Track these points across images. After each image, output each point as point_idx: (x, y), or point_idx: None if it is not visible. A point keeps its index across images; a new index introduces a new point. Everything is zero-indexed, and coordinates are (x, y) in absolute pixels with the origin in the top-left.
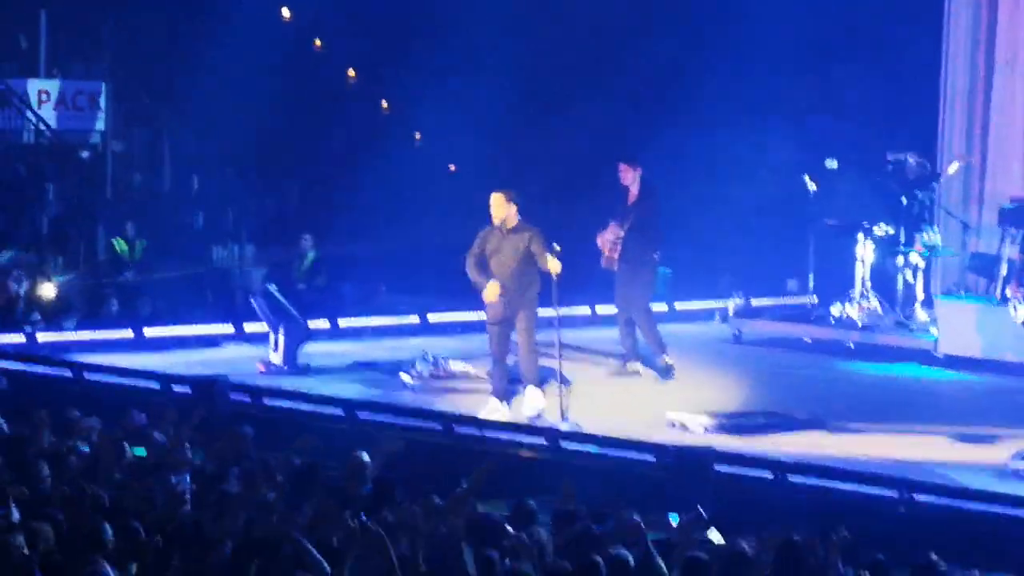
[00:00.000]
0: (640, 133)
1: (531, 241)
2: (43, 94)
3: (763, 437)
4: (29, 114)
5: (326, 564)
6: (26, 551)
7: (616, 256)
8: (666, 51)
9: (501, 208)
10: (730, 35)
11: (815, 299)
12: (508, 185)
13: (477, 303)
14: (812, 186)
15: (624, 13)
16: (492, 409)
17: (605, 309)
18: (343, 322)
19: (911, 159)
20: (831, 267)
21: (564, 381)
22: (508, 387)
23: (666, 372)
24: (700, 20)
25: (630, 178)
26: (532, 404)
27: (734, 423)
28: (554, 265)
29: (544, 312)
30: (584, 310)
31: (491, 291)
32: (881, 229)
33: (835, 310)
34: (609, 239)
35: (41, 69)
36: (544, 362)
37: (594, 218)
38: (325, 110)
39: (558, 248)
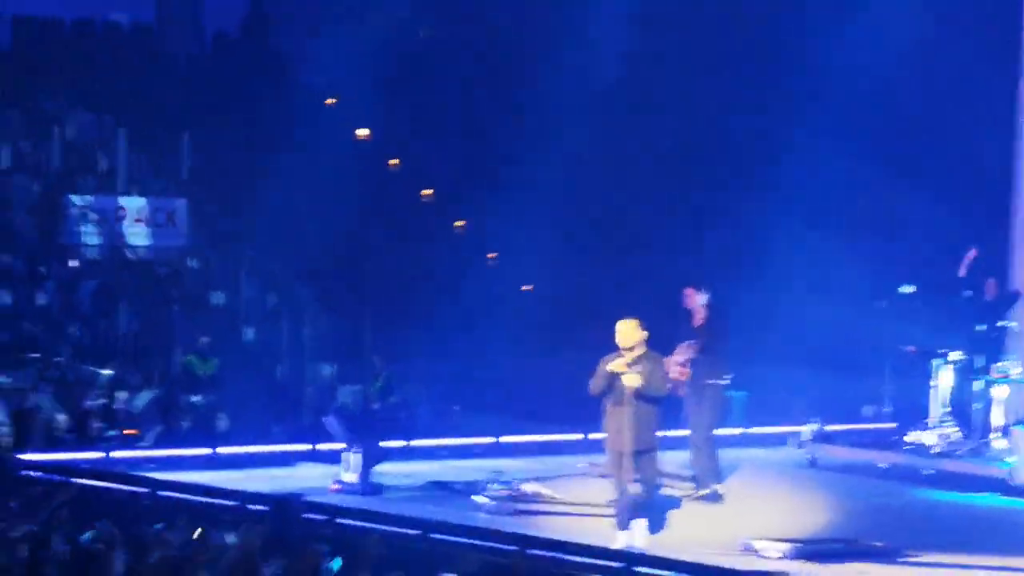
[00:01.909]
0: (715, 256)
1: (653, 372)
2: (121, 211)
3: (838, 565)
4: (108, 231)
5: None
6: None
7: (684, 379)
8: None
9: (632, 335)
10: (806, 155)
11: (891, 425)
12: (586, 307)
13: (550, 426)
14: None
15: (693, 140)
16: (623, 542)
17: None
18: (417, 442)
19: (989, 284)
20: (907, 393)
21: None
22: (630, 517)
23: (712, 498)
24: (775, 142)
25: (697, 302)
26: (635, 536)
27: (810, 549)
28: (632, 380)
29: None
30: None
31: (630, 379)
32: (958, 355)
33: (911, 437)
34: (677, 361)
35: (120, 186)
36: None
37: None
38: (400, 228)
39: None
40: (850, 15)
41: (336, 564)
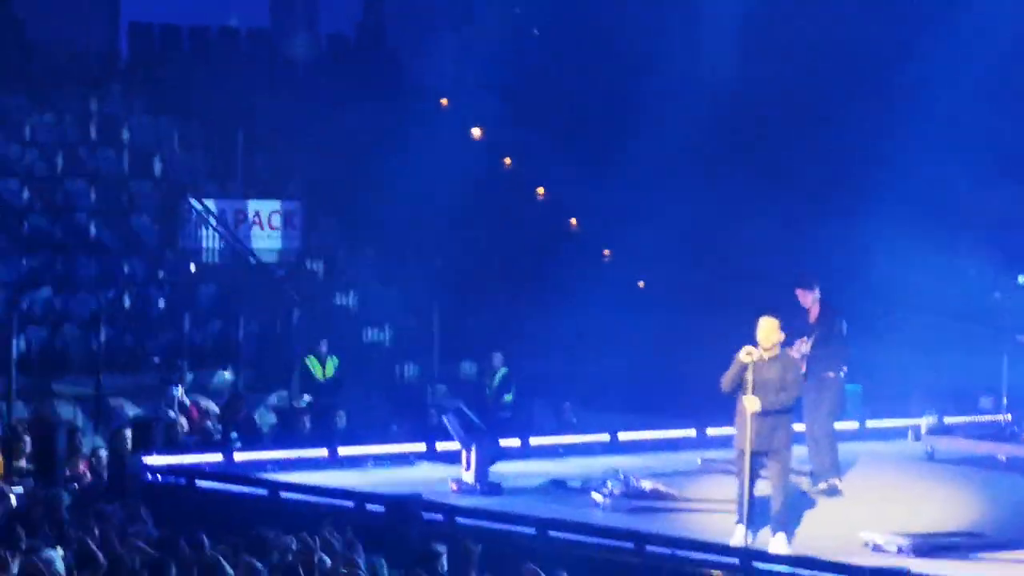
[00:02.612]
0: (830, 252)
1: (787, 372)
2: (240, 214)
3: (959, 559)
4: (225, 234)
5: None
6: None
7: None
8: (851, 164)
9: (772, 334)
10: (919, 147)
11: (1009, 416)
12: (700, 303)
13: (666, 421)
14: None
15: (802, 124)
16: (739, 539)
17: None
18: (534, 440)
19: None
20: None
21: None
22: (752, 516)
23: (831, 492)
24: (889, 131)
25: (809, 300)
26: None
27: (929, 543)
28: (751, 403)
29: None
30: None
31: (750, 402)
32: None
33: None
34: (794, 356)
35: (238, 189)
36: (736, 480)
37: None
38: (514, 228)
39: None
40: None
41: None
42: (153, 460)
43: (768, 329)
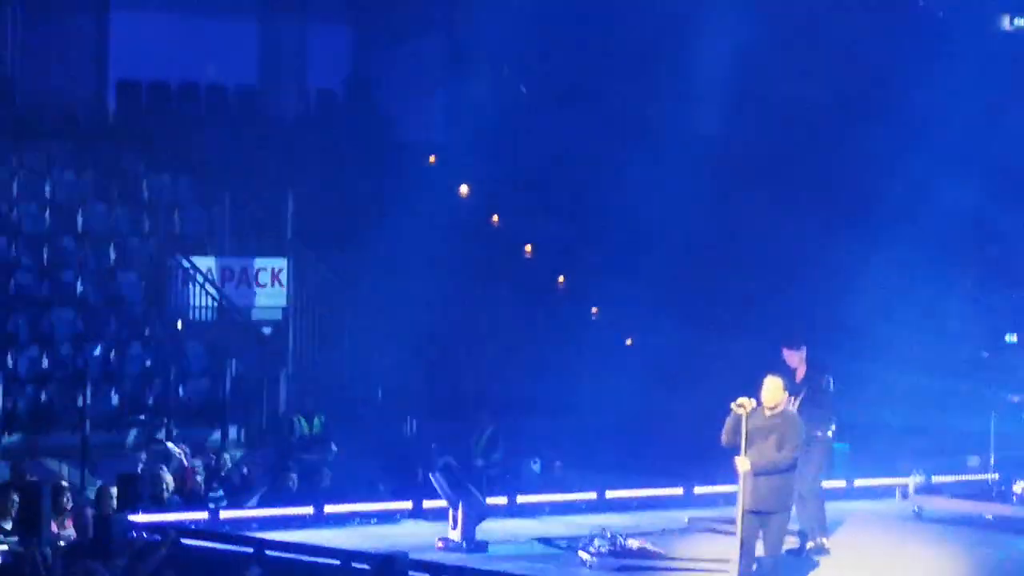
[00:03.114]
0: (816, 307)
1: (787, 429)
2: (226, 271)
3: None
4: (212, 291)
5: None
6: None
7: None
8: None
9: (776, 394)
10: (904, 206)
11: (996, 476)
12: (688, 362)
13: (654, 480)
14: (1012, 338)
15: (806, 184)
16: None
17: None
18: (521, 498)
19: None
20: (1013, 443)
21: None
22: None
23: (818, 552)
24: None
25: (796, 360)
26: None
27: None
28: (741, 464)
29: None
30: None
31: (740, 463)
32: None
33: (1017, 487)
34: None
35: (225, 247)
36: (731, 540)
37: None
38: (502, 285)
39: None
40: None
41: None
42: (138, 518)
43: (772, 388)
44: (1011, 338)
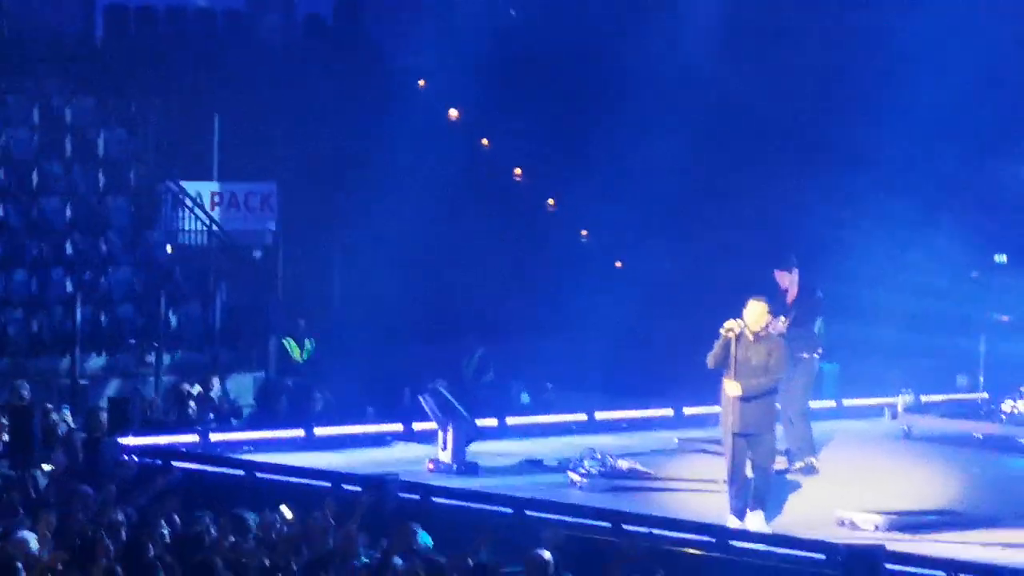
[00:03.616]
0: (806, 229)
1: (772, 353)
2: (216, 196)
3: (935, 536)
4: (202, 215)
5: None
6: None
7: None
8: (836, 145)
9: (761, 317)
10: (896, 126)
11: (986, 395)
12: (678, 283)
13: (644, 401)
14: (1001, 258)
15: (789, 112)
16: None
17: None
18: (511, 420)
19: None
20: (1002, 363)
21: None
22: (746, 506)
23: (807, 471)
24: (869, 115)
25: (787, 281)
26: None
27: (905, 521)
28: (732, 388)
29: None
30: None
31: (730, 387)
32: None
33: (1006, 406)
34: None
35: (214, 172)
36: (720, 461)
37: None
38: (492, 208)
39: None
40: None
41: (425, 537)
42: (129, 441)
43: (757, 312)
44: (1000, 258)
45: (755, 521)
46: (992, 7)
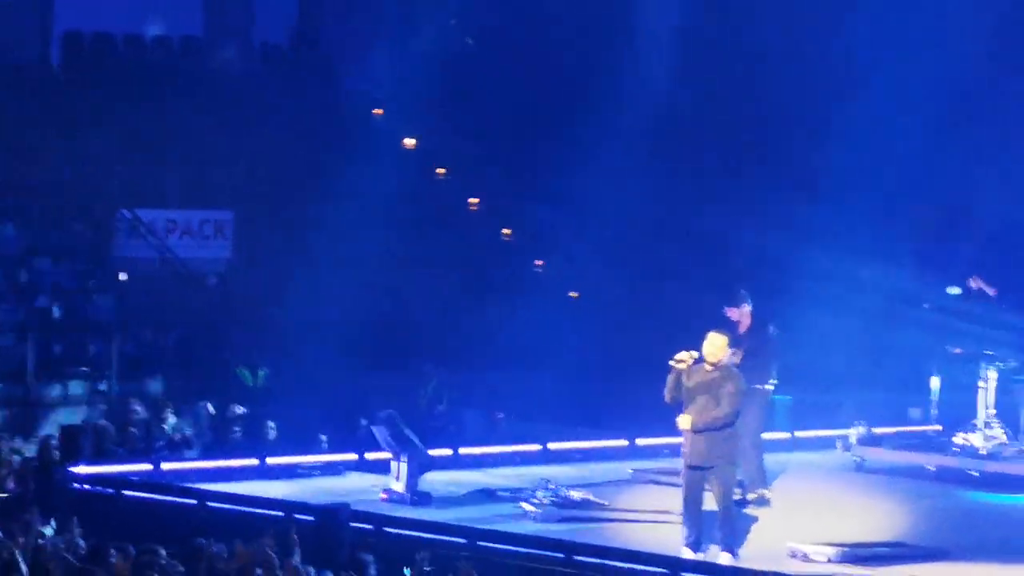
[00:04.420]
0: (763, 261)
1: (725, 385)
2: (171, 223)
3: (886, 568)
4: (156, 243)
5: None
6: None
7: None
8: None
9: (720, 350)
10: (849, 158)
11: (939, 427)
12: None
13: (598, 432)
14: (955, 290)
15: (745, 140)
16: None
17: None
18: (464, 450)
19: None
20: (954, 395)
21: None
22: (700, 538)
23: (760, 503)
24: (823, 145)
25: (737, 315)
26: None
27: (857, 553)
28: (683, 421)
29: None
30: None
31: (682, 420)
32: (1005, 357)
33: (958, 439)
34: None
35: (170, 199)
36: (673, 492)
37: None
38: (448, 237)
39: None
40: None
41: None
42: (80, 470)
43: (717, 344)
44: (953, 291)
45: (724, 560)
46: (955, 28)
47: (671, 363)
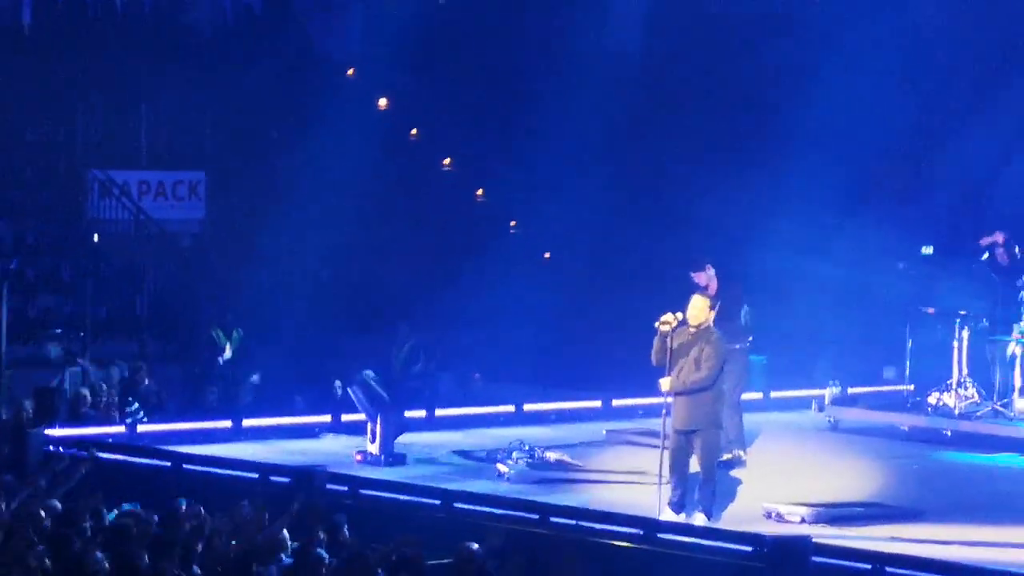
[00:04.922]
0: (735, 220)
1: (705, 348)
2: (143, 185)
3: (861, 528)
4: (129, 204)
5: None
6: None
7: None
8: (763, 143)
9: (702, 313)
10: (824, 117)
11: (912, 387)
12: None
13: (572, 393)
14: (928, 250)
15: (722, 102)
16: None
17: None
18: (439, 411)
19: (999, 244)
20: (928, 355)
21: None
22: (683, 499)
23: (735, 463)
24: (798, 104)
25: (704, 279)
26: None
27: (831, 513)
28: (664, 384)
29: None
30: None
31: (663, 383)
32: (978, 317)
33: (932, 398)
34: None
35: (142, 160)
36: (648, 453)
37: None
38: (421, 198)
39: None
40: None
41: None
42: (54, 432)
43: (698, 306)
44: (927, 250)
45: (699, 520)
46: None
47: (656, 325)
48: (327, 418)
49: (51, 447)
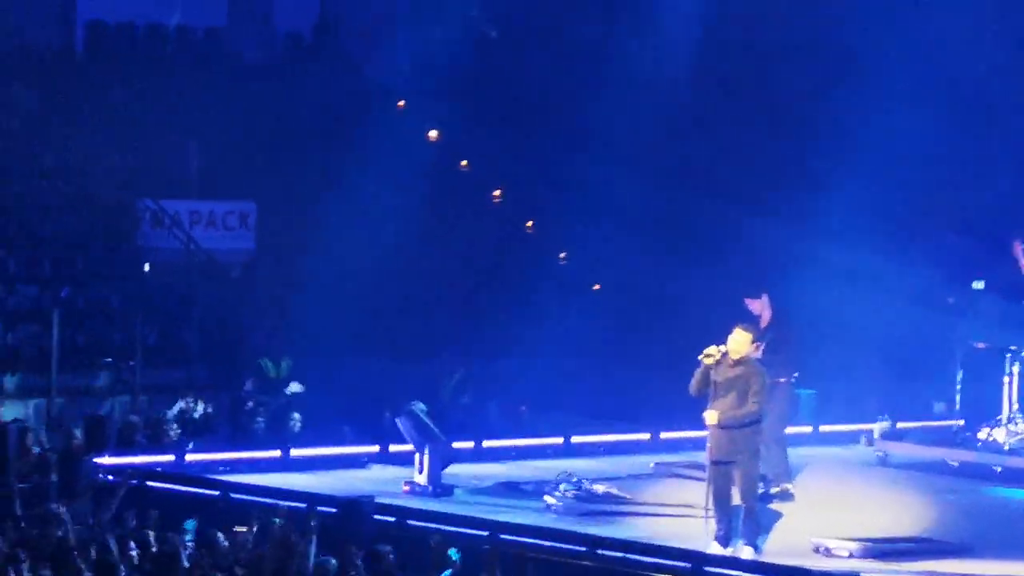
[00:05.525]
0: (782, 252)
1: (751, 381)
2: (194, 214)
3: (910, 563)
4: (180, 234)
5: None
6: None
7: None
8: (814, 176)
9: (744, 346)
10: (872, 148)
11: (962, 422)
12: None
13: (620, 425)
14: (979, 284)
15: (773, 133)
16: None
17: None
18: (487, 443)
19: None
20: (979, 390)
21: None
22: (729, 532)
23: (783, 497)
24: (844, 135)
25: (758, 307)
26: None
27: (880, 548)
28: (709, 416)
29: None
30: None
31: (708, 415)
32: None
33: (982, 434)
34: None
35: (193, 190)
36: (696, 486)
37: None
38: (471, 229)
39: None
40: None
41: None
42: (104, 460)
43: (740, 340)
44: (978, 285)
45: (745, 554)
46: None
47: (700, 357)
48: (375, 448)
49: (100, 475)
